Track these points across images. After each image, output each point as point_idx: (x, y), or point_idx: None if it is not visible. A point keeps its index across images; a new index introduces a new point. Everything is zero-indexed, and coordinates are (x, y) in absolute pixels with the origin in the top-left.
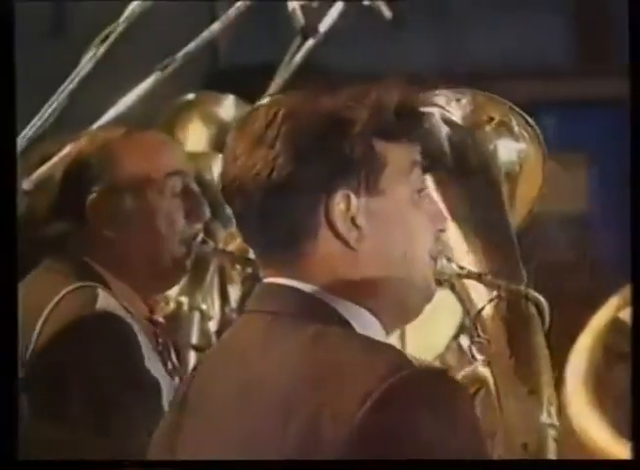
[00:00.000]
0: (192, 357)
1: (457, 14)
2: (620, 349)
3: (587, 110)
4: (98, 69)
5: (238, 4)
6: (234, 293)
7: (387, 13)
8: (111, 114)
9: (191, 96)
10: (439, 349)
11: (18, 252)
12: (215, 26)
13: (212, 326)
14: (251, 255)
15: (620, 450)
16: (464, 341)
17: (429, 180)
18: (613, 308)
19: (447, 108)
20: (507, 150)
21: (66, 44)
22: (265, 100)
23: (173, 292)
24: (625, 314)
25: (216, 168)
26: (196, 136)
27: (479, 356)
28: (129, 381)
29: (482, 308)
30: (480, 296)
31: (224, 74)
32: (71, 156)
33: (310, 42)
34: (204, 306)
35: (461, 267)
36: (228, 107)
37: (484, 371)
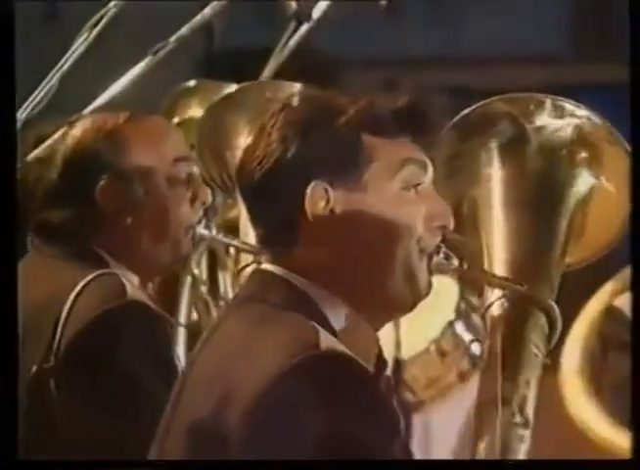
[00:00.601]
0: (182, 336)
1: None
2: (616, 337)
3: (585, 95)
4: (91, 52)
5: None
6: (227, 282)
7: None
8: (103, 97)
9: (192, 83)
10: (435, 334)
11: (18, 238)
12: (208, 10)
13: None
14: (252, 241)
15: (617, 437)
16: (459, 326)
17: (496, 178)
18: (607, 295)
19: (546, 116)
20: (585, 183)
21: (60, 28)
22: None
23: None
24: (620, 301)
25: None
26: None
27: (477, 353)
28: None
29: (490, 306)
30: (493, 293)
31: (219, 58)
32: (72, 141)
33: (304, 27)
34: (196, 271)
35: (461, 264)
36: None
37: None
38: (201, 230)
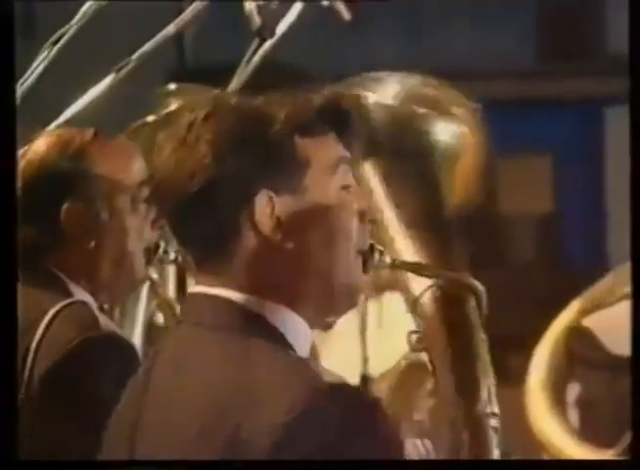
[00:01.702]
0: None
1: (423, 12)
2: (583, 355)
3: (554, 109)
4: (54, 69)
5: (194, 5)
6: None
7: (346, 14)
8: (65, 116)
9: (172, 86)
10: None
11: (17, 254)
12: (171, 28)
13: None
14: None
15: (576, 453)
16: None
17: (368, 168)
18: (574, 313)
19: (380, 90)
20: (444, 132)
21: (36, 44)
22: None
23: None
24: (589, 321)
25: None
26: None
27: (418, 346)
28: None
29: (419, 297)
30: (419, 285)
31: (189, 73)
32: (35, 157)
33: (268, 43)
34: (154, 276)
35: (394, 260)
36: None
37: (425, 358)
38: (160, 254)
